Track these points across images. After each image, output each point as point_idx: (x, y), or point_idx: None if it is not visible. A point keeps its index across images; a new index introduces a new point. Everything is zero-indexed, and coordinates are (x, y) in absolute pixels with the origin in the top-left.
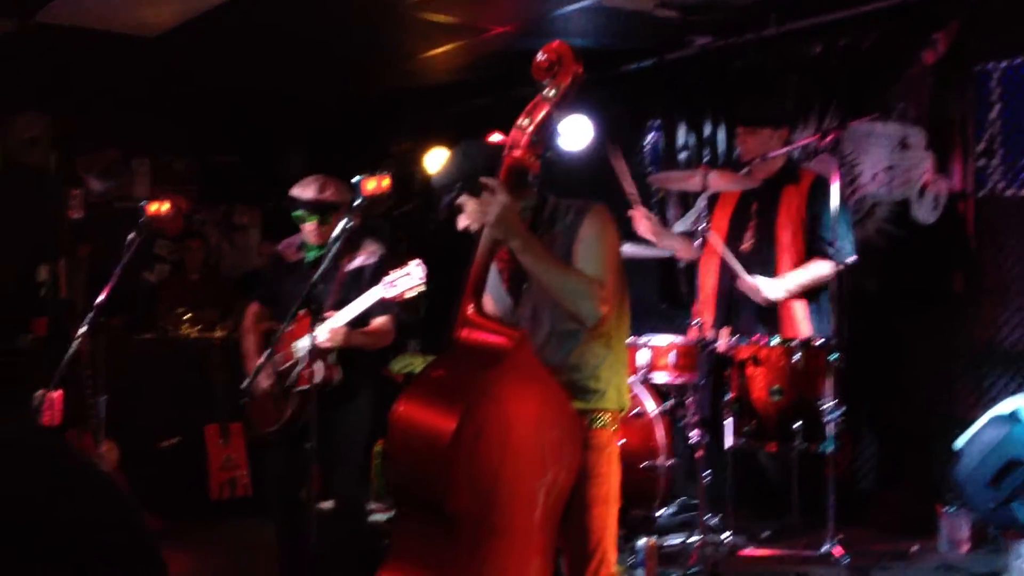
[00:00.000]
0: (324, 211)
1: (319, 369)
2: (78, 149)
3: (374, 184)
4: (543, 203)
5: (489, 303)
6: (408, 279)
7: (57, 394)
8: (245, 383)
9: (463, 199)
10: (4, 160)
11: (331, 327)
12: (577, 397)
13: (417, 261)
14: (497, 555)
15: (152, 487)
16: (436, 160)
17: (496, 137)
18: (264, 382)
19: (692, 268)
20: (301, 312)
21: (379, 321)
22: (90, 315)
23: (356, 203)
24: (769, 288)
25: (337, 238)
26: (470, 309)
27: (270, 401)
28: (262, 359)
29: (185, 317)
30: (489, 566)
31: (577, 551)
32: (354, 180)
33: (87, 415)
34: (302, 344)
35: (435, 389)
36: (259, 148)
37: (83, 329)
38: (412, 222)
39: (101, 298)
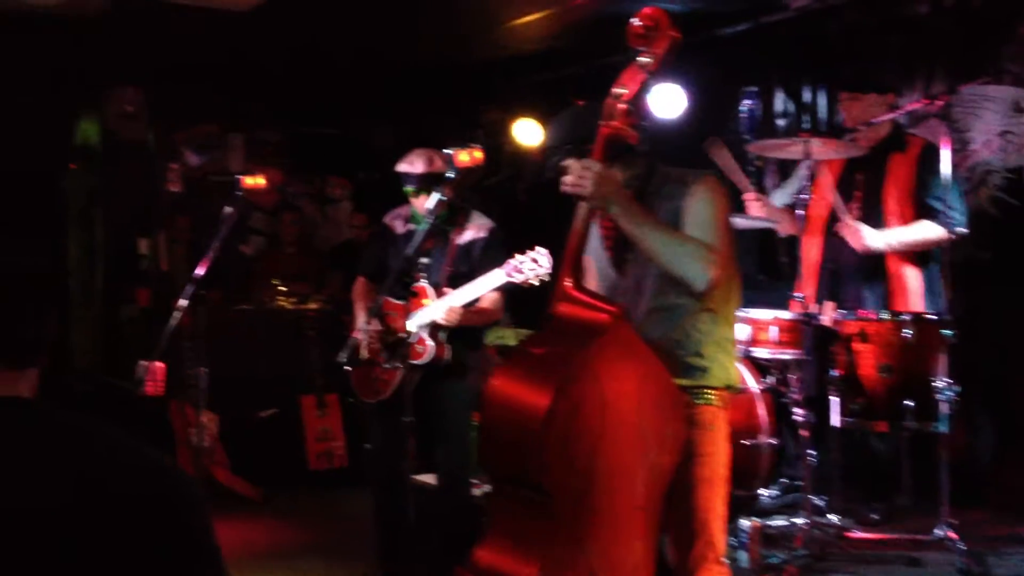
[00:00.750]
0: (434, 183)
1: (431, 346)
2: (175, 124)
3: (467, 156)
4: (650, 172)
5: (592, 271)
6: (534, 267)
7: (159, 365)
8: (348, 353)
9: (569, 162)
10: (104, 135)
11: (449, 306)
12: (680, 373)
13: (542, 250)
14: (597, 536)
15: (251, 457)
16: (527, 130)
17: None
18: (371, 353)
19: (793, 239)
20: (415, 285)
21: (491, 298)
22: (189, 288)
23: (449, 176)
24: (871, 236)
25: (433, 211)
26: (568, 283)
27: (376, 372)
28: (371, 329)
29: (280, 289)
30: (588, 547)
31: (681, 533)
32: (447, 152)
33: (188, 386)
34: (417, 319)
35: (530, 365)
36: (350, 120)
37: (183, 302)
38: (501, 193)
39: (200, 271)
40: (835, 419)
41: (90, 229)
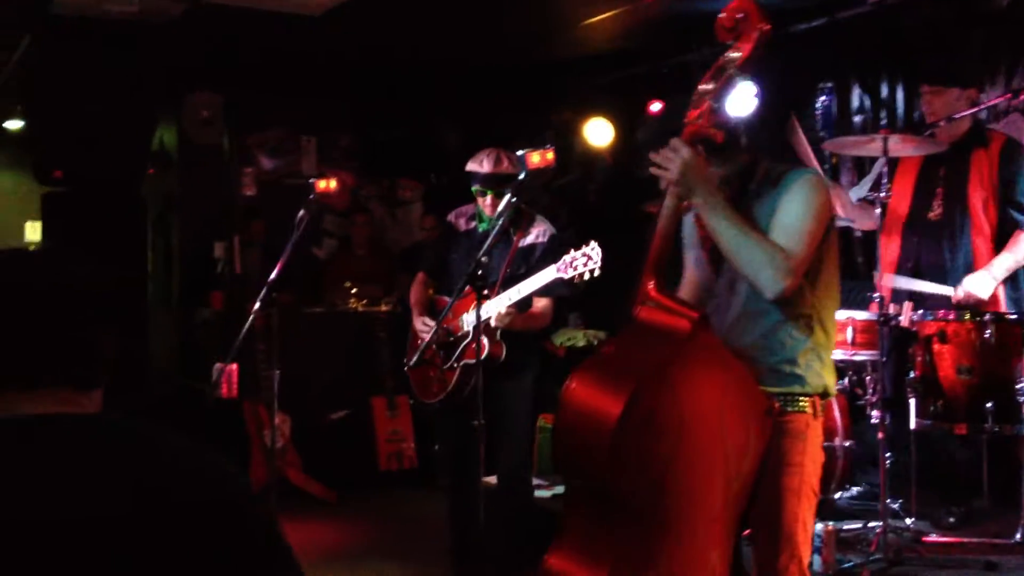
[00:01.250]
0: (501, 184)
1: (485, 345)
2: (248, 128)
3: (539, 157)
4: (752, 168)
5: (691, 271)
6: (587, 261)
7: (233, 367)
8: (416, 354)
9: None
10: (180, 140)
11: (502, 307)
12: (771, 380)
13: (594, 244)
14: (671, 547)
15: (322, 458)
16: (597, 130)
17: (657, 106)
18: (428, 353)
19: (870, 237)
20: (471, 285)
21: (541, 304)
22: (263, 291)
23: (521, 177)
24: (981, 287)
25: (502, 213)
26: (650, 285)
27: (434, 372)
28: (431, 331)
29: (352, 291)
30: (661, 559)
31: (765, 545)
32: (519, 153)
33: (261, 387)
34: (471, 318)
35: (607, 370)
36: (420, 122)
37: (256, 304)
38: (571, 193)
39: (274, 274)
40: (913, 421)
41: (167, 234)
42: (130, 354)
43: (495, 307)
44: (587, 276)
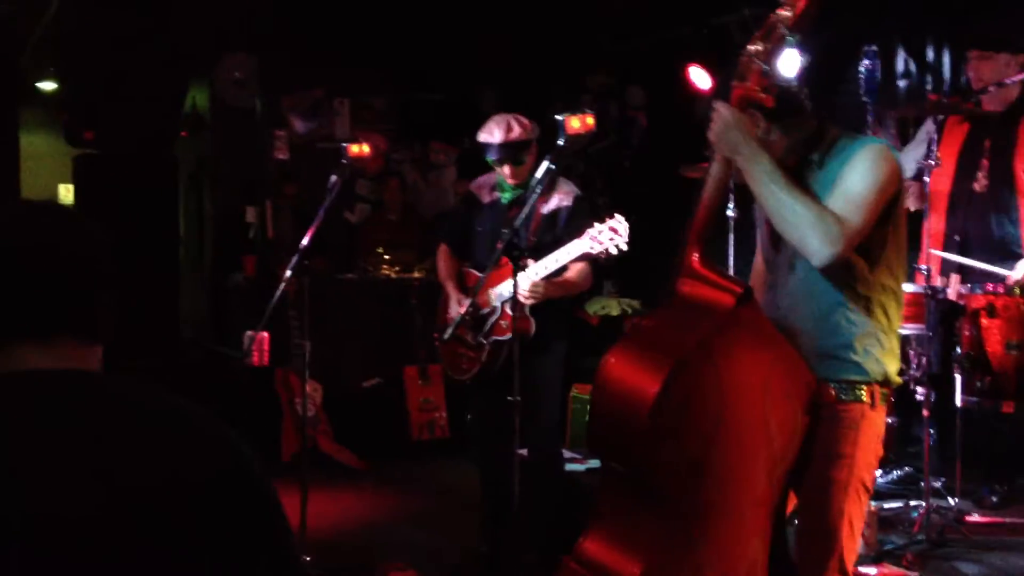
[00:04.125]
0: (516, 151)
1: (515, 320)
2: (282, 90)
3: (578, 123)
4: (820, 136)
5: (758, 250)
6: (613, 236)
7: (264, 335)
8: (447, 331)
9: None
10: (213, 102)
11: (531, 281)
12: (826, 365)
13: (620, 217)
14: (711, 532)
15: (354, 427)
16: (635, 94)
17: (696, 70)
18: (460, 329)
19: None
20: (501, 257)
21: (577, 268)
22: (295, 257)
23: (560, 143)
24: None
25: (541, 180)
26: (694, 258)
27: (463, 348)
28: (462, 308)
29: (385, 257)
30: (701, 543)
31: (808, 537)
32: (558, 118)
33: (292, 355)
34: (499, 293)
35: (645, 345)
36: (455, 85)
37: (288, 272)
38: (607, 159)
39: (305, 240)
40: (959, 398)
41: (199, 197)
42: (161, 318)
43: (523, 281)
44: (613, 251)
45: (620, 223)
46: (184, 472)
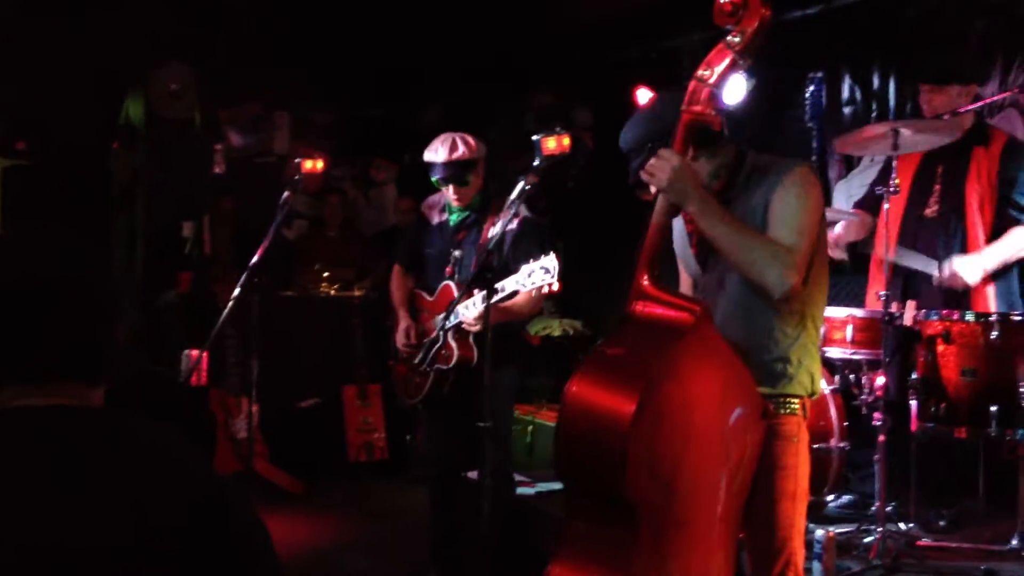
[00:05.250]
0: (460, 171)
1: (456, 351)
2: (220, 103)
3: (554, 143)
4: (740, 162)
5: (684, 271)
6: (544, 274)
7: (203, 354)
8: (394, 349)
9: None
10: (148, 114)
11: (476, 312)
12: (763, 380)
13: (552, 256)
14: (678, 549)
15: (291, 447)
16: (579, 114)
17: (644, 92)
18: (405, 353)
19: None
20: (443, 283)
21: (523, 296)
22: (244, 275)
23: (535, 163)
24: (969, 270)
25: (516, 200)
26: (645, 280)
27: (411, 372)
28: (399, 333)
29: (324, 275)
30: (670, 561)
31: (761, 549)
32: (534, 138)
33: (229, 375)
34: (443, 321)
35: (611, 368)
36: (397, 101)
37: (237, 289)
38: (550, 179)
39: (256, 258)
40: (914, 423)
41: (132, 211)
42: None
43: (467, 311)
44: (545, 289)
45: (551, 261)
46: (185, 499)
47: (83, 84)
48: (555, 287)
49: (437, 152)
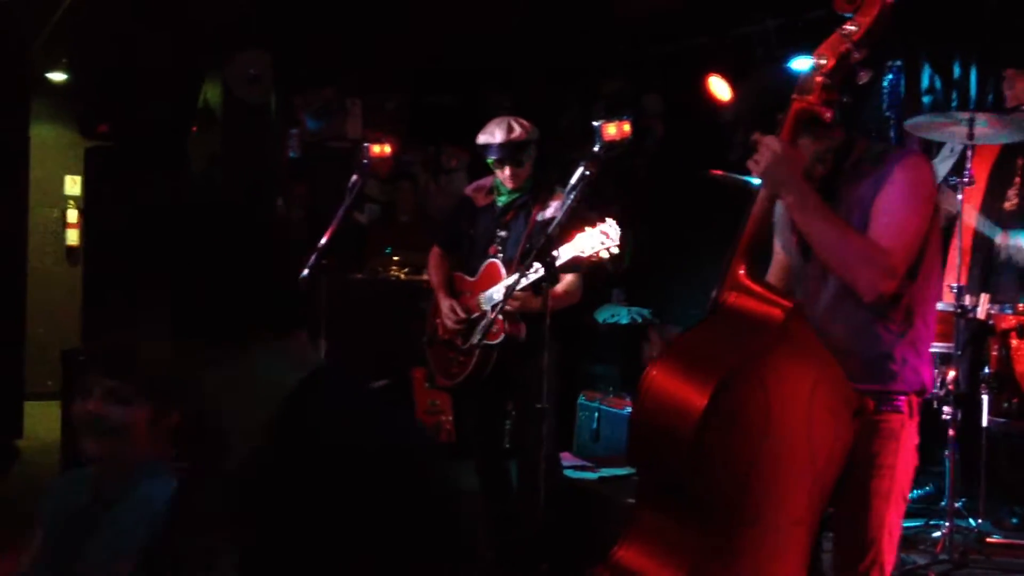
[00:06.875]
0: (516, 151)
1: (505, 325)
2: (295, 88)
3: (615, 129)
4: (848, 147)
5: (780, 254)
6: (603, 240)
7: None
8: (427, 335)
9: (758, 138)
10: (226, 98)
11: (516, 291)
12: (865, 376)
13: (611, 221)
14: (749, 550)
15: None
16: (650, 101)
17: (715, 80)
18: (447, 333)
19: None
20: (489, 261)
21: (567, 281)
22: (312, 257)
23: (595, 149)
24: None
25: (574, 187)
26: (740, 271)
27: (453, 352)
28: (444, 310)
29: (394, 259)
30: (739, 561)
31: (848, 548)
32: (594, 124)
33: None
34: (489, 297)
35: (692, 359)
36: (468, 88)
37: (305, 271)
38: (620, 166)
39: (323, 240)
40: (985, 419)
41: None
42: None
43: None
44: (605, 255)
45: (611, 227)
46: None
47: (163, 68)
48: (615, 251)
49: (493, 134)
